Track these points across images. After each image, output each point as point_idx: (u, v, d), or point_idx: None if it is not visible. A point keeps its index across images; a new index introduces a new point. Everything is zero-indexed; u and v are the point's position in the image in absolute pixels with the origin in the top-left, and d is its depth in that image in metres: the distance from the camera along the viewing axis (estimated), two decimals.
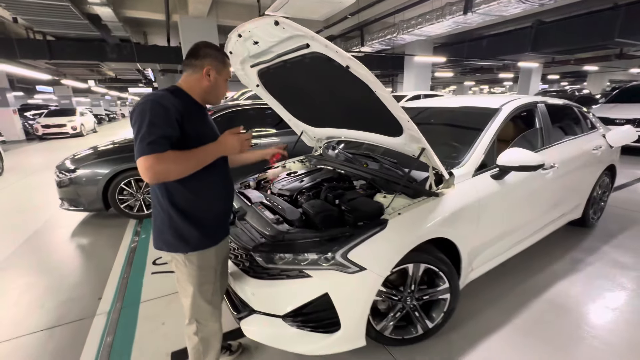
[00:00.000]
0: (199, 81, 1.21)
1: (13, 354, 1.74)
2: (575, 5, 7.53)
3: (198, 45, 1.24)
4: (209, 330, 1.31)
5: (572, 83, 28.72)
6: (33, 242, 3.18)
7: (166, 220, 1.17)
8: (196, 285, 1.23)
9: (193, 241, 1.19)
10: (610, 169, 2.97)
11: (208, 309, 1.29)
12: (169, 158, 1.02)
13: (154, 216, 1.22)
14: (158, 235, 1.21)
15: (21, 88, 17.45)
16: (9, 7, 5.45)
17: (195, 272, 1.22)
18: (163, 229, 1.19)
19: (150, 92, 1.15)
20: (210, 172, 1.19)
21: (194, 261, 1.21)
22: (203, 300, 1.26)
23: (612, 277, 2.28)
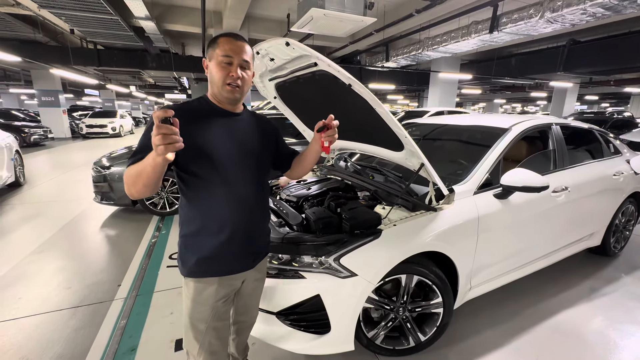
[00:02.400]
0: (209, 81, 1.08)
1: (40, 326, 1.95)
2: (614, 24, 7.25)
3: None
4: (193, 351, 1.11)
5: (613, 105, 27.09)
6: (67, 230, 3.50)
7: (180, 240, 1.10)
8: (188, 316, 1.08)
9: (189, 264, 1.06)
10: (635, 197, 2.83)
11: (196, 347, 1.09)
12: (128, 171, 0.91)
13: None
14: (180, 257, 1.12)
15: (71, 91, 19.16)
16: (68, 19, 6.14)
17: (189, 302, 1.07)
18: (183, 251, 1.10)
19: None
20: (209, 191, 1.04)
21: (190, 288, 1.07)
22: (192, 334, 1.08)
23: (628, 310, 2.16)
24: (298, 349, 1.50)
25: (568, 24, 5.14)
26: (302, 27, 4.08)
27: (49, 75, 12.44)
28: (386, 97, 23.65)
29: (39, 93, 13.15)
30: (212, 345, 1.09)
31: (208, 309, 1.07)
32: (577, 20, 4.96)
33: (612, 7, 4.45)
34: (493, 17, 5.52)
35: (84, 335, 1.87)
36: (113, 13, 5.60)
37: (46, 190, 5.12)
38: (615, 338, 1.90)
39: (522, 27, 5.30)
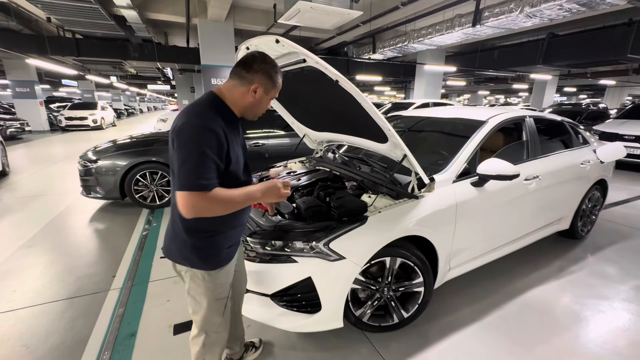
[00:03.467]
0: (243, 96, 1.13)
1: (38, 317, 1.99)
2: (590, 19, 7.54)
3: (254, 56, 1.13)
4: (216, 338, 1.30)
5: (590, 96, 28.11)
6: (55, 225, 3.48)
7: (188, 241, 1.13)
8: (212, 300, 1.22)
9: (213, 260, 1.18)
10: (600, 184, 3.06)
11: (218, 321, 1.27)
12: (216, 199, 1.00)
13: (172, 233, 1.18)
14: (177, 251, 1.17)
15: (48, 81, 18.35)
16: (45, 7, 5.89)
17: (213, 287, 1.20)
18: (183, 248, 1.15)
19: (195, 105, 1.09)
20: None
21: (213, 277, 1.19)
22: (216, 313, 1.25)
23: (591, 286, 2.38)
24: (292, 327, 1.62)
25: (546, 18, 5.34)
26: (289, 20, 4.10)
27: (23, 65, 11.88)
28: (373, 88, 23.75)
29: (12, 84, 12.55)
30: (227, 315, 1.31)
31: (227, 286, 1.28)
32: (555, 15, 5.16)
33: (587, 4, 4.66)
34: (476, 11, 5.66)
35: (82, 323, 1.93)
36: (92, 1, 5.42)
37: (30, 185, 5.01)
38: (579, 311, 2.11)
39: (503, 21, 5.46)
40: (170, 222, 1.20)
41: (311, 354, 1.72)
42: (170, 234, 1.20)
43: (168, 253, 1.22)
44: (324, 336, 1.83)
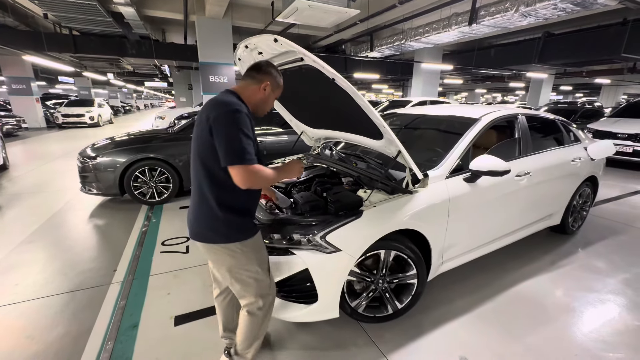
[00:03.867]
0: (255, 93, 1.35)
1: (41, 309, 2.04)
2: (585, 18, 7.62)
3: (262, 63, 1.41)
4: (270, 301, 1.43)
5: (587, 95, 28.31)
6: (55, 221, 3.51)
7: (223, 217, 1.25)
8: (259, 265, 1.36)
9: (247, 231, 1.33)
10: (591, 180, 3.13)
11: (268, 282, 1.40)
12: (261, 172, 1.21)
13: (202, 216, 1.28)
14: (212, 231, 1.27)
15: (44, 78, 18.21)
16: (42, 4, 5.88)
17: (254, 255, 1.35)
18: (219, 226, 1.26)
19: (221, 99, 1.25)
20: None
21: (250, 246, 1.32)
22: (265, 275, 1.39)
23: (580, 279, 2.46)
24: (290, 317, 1.68)
25: (541, 17, 5.40)
26: (287, 18, 4.13)
27: (19, 61, 11.81)
28: (371, 86, 23.77)
29: (8, 80, 12.48)
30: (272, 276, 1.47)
31: (265, 250, 1.44)
32: (550, 14, 5.23)
33: (580, 3, 4.72)
34: (472, 10, 5.71)
35: (85, 315, 1.98)
36: None
37: (29, 181, 5.03)
38: (568, 302, 2.18)
39: (499, 20, 5.52)
40: (198, 205, 1.29)
41: (308, 344, 1.78)
42: (200, 218, 1.29)
43: (201, 237, 1.30)
44: (320, 327, 1.89)
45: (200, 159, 1.24)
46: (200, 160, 1.24)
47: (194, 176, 1.29)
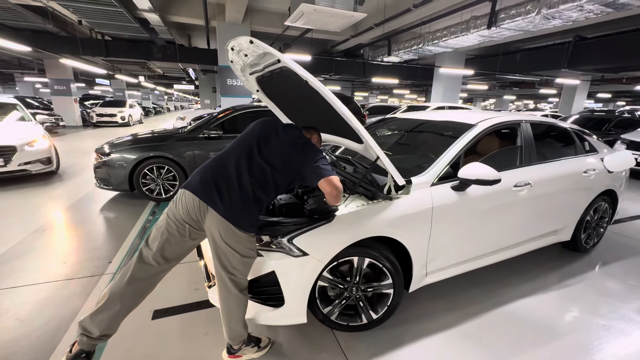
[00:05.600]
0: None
1: (37, 294, 2.17)
2: (622, 21, 7.08)
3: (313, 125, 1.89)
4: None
5: (629, 103, 26.27)
6: (70, 211, 3.74)
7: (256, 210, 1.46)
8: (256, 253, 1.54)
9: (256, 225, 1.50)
10: (608, 194, 2.88)
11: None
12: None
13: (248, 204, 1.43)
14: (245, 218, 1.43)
15: (83, 80, 19.61)
16: (75, 10, 6.36)
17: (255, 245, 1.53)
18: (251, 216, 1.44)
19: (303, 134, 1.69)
20: None
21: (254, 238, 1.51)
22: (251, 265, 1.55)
23: (587, 301, 2.26)
24: (258, 319, 1.66)
25: (568, 20, 5.09)
26: (295, 22, 4.18)
27: (60, 64, 12.79)
28: (392, 91, 23.45)
29: (51, 82, 13.56)
30: None
31: None
32: (576, 16, 4.92)
33: (611, 4, 4.40)
34: (491, 13, 5.49)
35: (73, 303, 2.08)
36: (117, 5, 5.78)
37: (55, 175, 5.40)
38: (565, 325, 2.00)
39: (520, 22, 5.27)
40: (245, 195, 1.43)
41: (275, 347, 1.76)
42: (241, 204, 1.42)
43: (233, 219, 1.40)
44: (291, 331, 1.86)
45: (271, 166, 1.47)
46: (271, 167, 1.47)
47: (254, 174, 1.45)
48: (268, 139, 1.55)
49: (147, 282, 1.54)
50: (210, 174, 1.48)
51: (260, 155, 1.50)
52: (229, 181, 1.45)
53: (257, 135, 1.57)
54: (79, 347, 1.47)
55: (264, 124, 1.64)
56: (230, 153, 1.54)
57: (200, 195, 1.43)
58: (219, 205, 1.41)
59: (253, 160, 1.49)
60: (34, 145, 4.79)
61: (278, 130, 1.60)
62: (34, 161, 4.76)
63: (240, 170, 1.46)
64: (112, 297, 1.47)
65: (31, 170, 4.76)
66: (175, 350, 1.72)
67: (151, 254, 1.49)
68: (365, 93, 27.46)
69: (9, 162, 4.47)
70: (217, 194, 1.42)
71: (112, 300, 1.47)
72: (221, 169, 1.48)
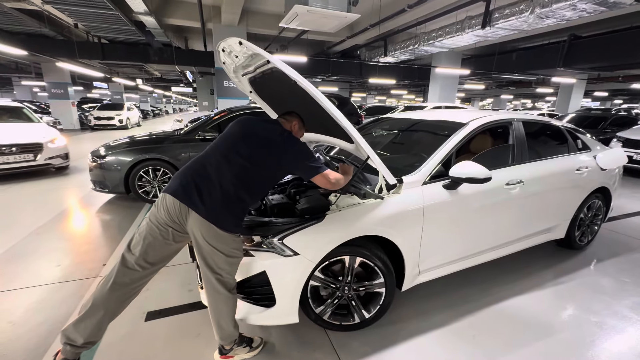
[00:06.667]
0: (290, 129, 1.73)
1: (30, 297, 2.16)
2: (616, 19, 7.12)
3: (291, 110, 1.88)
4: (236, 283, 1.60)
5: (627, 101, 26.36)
6: (65, 214, 3.74)
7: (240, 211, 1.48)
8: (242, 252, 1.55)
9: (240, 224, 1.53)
10: (602, 192, 2.89)
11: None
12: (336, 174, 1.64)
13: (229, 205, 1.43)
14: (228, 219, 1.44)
15: (81, 83, 19.60)
16: (71, 14, 6.36)
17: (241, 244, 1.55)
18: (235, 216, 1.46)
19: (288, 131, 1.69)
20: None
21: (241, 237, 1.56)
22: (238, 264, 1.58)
23: (579, 299, 2.26)
24: (249, 319, 1.66)
25: (562, 19, 5.12)
26: (289, 23, 4.19)
27: (58, 68, 12.80)
28: (390, 91, 23.49)
29: (49, 85, 13.56)
30: None
31: None
32: (570, 15, 4.94)
33: (603, 2, 4.43)
34: (485, 12, 5.52)
35: (66, 306, 2.08)
36: (113, 8, 5.79)
37: (50, 178, 5.39)
38: (557, 323, 2.01)
39: (514, 22, 5.30)
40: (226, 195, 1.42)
41: (268, 347, 1.76)
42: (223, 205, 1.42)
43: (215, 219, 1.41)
44: (283, 331, 1.86)
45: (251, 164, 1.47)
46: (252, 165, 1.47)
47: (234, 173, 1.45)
48: (248, 137, 1.54)
49: (130, 288, 1.51)
50: (190, 175, 1.47)
51: (241, 155, 1.49)
52: (209, 182, 1.44)
53: (237, 134, 1.56)
54: (63, 356, 1.44)
55: (244, 122, 1.62)
56: (210, 154, 1.53)
57: (180, 198, 1.41)
58: (199, 207, 1.40)
59: (234, 160, 1.48)
60: (55, 143, 5.45)
61: (258, 127, 1.58)
62: (55, 156, 5.43)
63: (221, 171, 1.45)
64: (96, 303, 1.44)
65: (54, 164, 5.44)
66: (168, 352, 1.72)
67: (134, 258, 1.46)
68: (363, 94, 27.50)
69: (37, 157, 5.14)
70: (198, 196, 1.41)
71: (96, 307, 1.44)
72: (201, 171, 1.47)
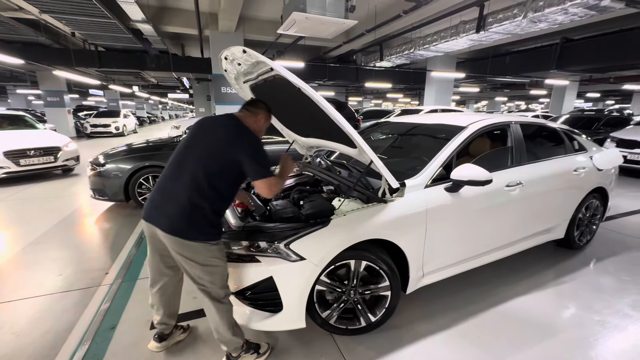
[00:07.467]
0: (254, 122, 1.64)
1: (33, 307, 2.15)
2: (606, 22, 7.27)
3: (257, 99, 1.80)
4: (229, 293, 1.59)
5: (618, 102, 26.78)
6: (64, 223, 3.71)
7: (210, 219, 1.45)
8: (224, 260, 1.55)
9: (219, 230, 1.53)
10: (599, 192, 2.94)
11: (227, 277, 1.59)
12: (277, 180, 1.54)
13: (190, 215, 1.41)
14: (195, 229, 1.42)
15: (77, 91, 19.55)
16: (68, 23, 6.37)
17: (221, 252, 1.54)
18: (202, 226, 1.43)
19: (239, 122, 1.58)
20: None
21: (221, 243, 1.54)
22: (226, 269, 1.58)
23: (581, 298, 2.29)
24: (255, 325, 1.67)
25: (554, 23, 5.22)
26: (287, 30, 4.24)
27: (53, 76, 12.76)
28: (386, 95, 23.68)
29: (44, 94, 13.50)
30: None
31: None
32: (562, 19, 5.04)
33: (594, 7, 4.52)
34: (479, 17, 5.61)
35: (70, 315, 2.07)
36: (110, 17, 5.81)
37: (46, 187, 5.36)
38: (560, 322, 2.03)
39: (507, 26, 5.39)
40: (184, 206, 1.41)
41: (275, 353, 1.76)
42: (183, 217, 1.41)
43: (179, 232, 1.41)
44: (289, 336, 1.86)
45: (203, 168, 1.42)
46: (203, 169, 1.42)
47: (186, 181, 1.43)
48: (200, 140, 1.50)
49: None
50: (155, 193, 1.52)
51: (193, 160, 1.45)
52: (167, 195, 1.45)
53: (190, 139, 1.54)
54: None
55: (198, 125, 1.59)
56: (168, 165, 1.53)
57: (147, 219, 1.48)
58: (161, 223, 1.43)
59: (186, 166, 1.45)
60: (69, 146, 6.12)
61: (211, 128, 1.53)
62: (70, 158, 6.10)
63: (175, 180, 1.45)
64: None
65: (69, 165, 6.12)
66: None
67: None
68: (359, 98, 27.68)
69: (57, 159, 5.81)
70: (159, 212, 1.45)
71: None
72: (162, 184, 1.49)
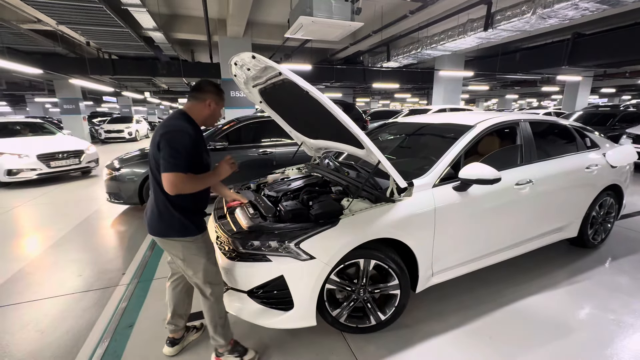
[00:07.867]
0: (202, 110, 1.58)
1: (55, 306, 2.25)
2: (619, 16, 7.10)
3: (201, 83, 1.60)
4: (219, 289, 1.63)
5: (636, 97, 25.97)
6: (83, 227, 3.85)
7: (176, 216, 1.49)
8: (205, 256, 1.57)
9: (196, 226, 1.55)
10: (613, 189, 2.88)
11: (215, 270, 1.62)
12: (188, 178, 1.41)
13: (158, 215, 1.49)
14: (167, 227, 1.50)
15: (91, 98, 20.14)
16: (84, 33, 6.62)
17: (203, 246, 1.57)
18: (173, 223, 1.49)
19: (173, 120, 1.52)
20: None
21: (199, 239, 1.56)
22: (212, 264, 1.60)
23: (596, 297, 2.25)
24: (266, 323, 1.71)
25: (564, 18, 5.14)
26: (294, 33, 4.31)
27: (69, 84, 13.19)
28: (394, 96, 23.58)
29: (61, 102, 13.97)
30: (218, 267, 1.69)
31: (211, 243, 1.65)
32: (572, 14, 4.96)
33: (606, 1, 4.44)
34: (487, 15, 5.57)
35: (90, 314, 2.15)
36: (123, 26, 6.00)
37: (64, 192, 5.56)
38: (574, 322, 2.00)
39: (516, 23, 5.33)
40: (155, 207, 1.51)
41: (286, 350, 1.79)
42: (156, 216, 1.51)
43: (157, 232, 1.53)
44: (301, 334, 1.90)
45: (153, 170, 1.51)
46: (153, 171, 1.51)
47: (152, 183, 1.54)
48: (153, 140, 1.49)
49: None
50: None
51: (153, 162, 1.48)
52: (149, 200, 1.59)
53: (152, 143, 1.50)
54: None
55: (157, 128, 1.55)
56: None
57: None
58: (148, 227, 1.56)
59: (153, 169, 1.50)
60: (90, 149, 6.70)
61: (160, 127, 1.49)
62: (91, 161, 6.68)
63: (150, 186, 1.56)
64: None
65: (91, 167, 6.70)
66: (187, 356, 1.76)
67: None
68: (367, 99, 27.63)
69: (81, 161, 6.41)
70: (146, 217, 1.58)
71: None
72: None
